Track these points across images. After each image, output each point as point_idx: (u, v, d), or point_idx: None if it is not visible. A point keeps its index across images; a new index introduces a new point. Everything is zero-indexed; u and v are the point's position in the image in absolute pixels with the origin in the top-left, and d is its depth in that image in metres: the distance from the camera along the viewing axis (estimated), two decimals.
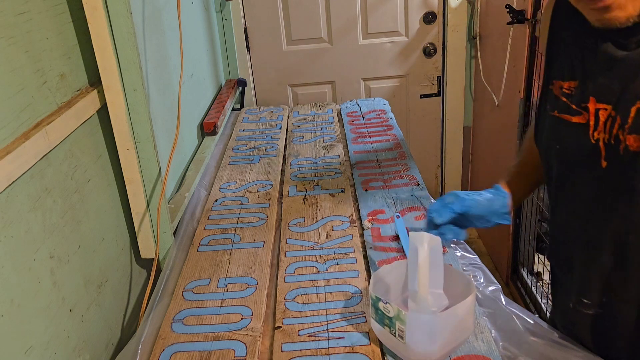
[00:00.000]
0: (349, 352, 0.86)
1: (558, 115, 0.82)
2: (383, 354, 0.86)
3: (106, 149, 1.15)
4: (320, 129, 1.84)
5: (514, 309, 0.95)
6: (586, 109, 0.77)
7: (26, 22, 0.89)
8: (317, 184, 1.44)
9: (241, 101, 2.24)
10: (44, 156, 0.91)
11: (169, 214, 1.22)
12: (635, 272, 0.78)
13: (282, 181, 1.48)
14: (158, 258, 1.17)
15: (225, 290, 1.04)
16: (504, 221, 0.97)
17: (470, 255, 1.13)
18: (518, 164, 1.03)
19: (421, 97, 2.71)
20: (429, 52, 2.61)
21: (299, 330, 0.92)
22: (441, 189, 2.92)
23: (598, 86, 0.76)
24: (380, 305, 0.81)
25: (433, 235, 0.83)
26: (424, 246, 0.81)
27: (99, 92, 1.10)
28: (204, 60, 1.89)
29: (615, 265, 0.79)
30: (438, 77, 2.67)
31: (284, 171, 1.54)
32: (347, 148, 1.65)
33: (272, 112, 2.04)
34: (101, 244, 1.10)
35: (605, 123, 0.75)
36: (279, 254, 1.15)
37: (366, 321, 0.93)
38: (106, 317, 1.10)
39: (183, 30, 1.42)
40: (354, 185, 1.42)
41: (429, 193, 1.35)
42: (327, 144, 1.70)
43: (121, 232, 1.20)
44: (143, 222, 1.18)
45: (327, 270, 1.07)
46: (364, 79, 2.68)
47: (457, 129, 2.75)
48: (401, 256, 1.09)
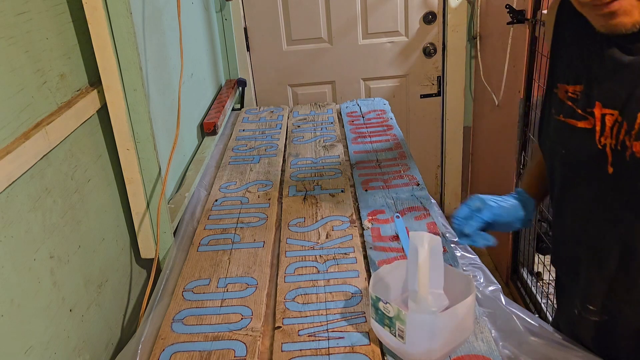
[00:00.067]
0: (349, 352, 0.86)
1: (564, 119, 0.81)
2: (383, 354, 0.86)
3: (106, 149, 1.15)
4: (320, 129, 1.84)
5: (514, 309, 0.95)
6: (592, 114, 0.76)
7: (26, 22, 0.89)
8: (317, 184, 1.44)
9: (241, 101, 2.24)
10: (44, 156, 0.91)
11: (169, 214, 1.22)
12: None
13: (282, 181, 1.48)
14: (158, 258, 1.17)
15: (225, 290, 1.04)
16: (526, 226, 0.97)
17: (470, 255, 1.13)
18: (535, 166, 1.01)
19: (421, 97, 2.71)
20: (429, 52, 2.61)
21: (299, 330, 0.92)
22: (441, 189, 2.92)
23: (604, 91, 0.75)
24: (380, 305, 0.81)
25: (433, 236, 0.83)
26: (424, 246, 0.81)
27: (99, 92, 1.10)
28: (204, 60, 1.89)
29: (620, 272, 0.79)
30: (438, 77, 2.67)
31: (284, 171, 1.54)
32: (347, 148, 1.65)
33: (272, 112, 2.04)
34: (101, 244, 1.10)
35: (611, 128, 0.74)
36: (279, 254, 1.15)
37: (366, 321, 0.93)
38: (106, 317, 1.10)
39: (183, 30, 1.42)
40: (354, 185, 1.42)
41: (429, 193, 1.35)
42: (327, 144, 1.70)
43: (121, 232, 1.20)
44: (143, 222, 1.18)
45: (327, 270, 1.07)
46: (364, 79, 2.68)
47: (457, 129, 2.75)
48: (401, 256, 1.09)
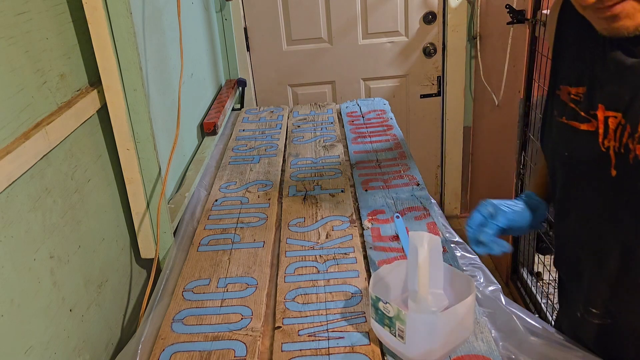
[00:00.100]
0: (349, 352, 0.86)
1: (566, 121, 0.81)
2: (383, 354, 0.86)
3: (106, 149, 1.15)
4: (320, 129, 1.84)
5: (514, 309, 0.95)
6: (595, 116, 0.75)
7: (26, 22, 0.89)
8: (317, 184, 1.44)
9: (241, 101, 2.24)
10: (44, 156, 0.91)
11: (169, 214, 1.22)
12: None
13: (282, 181, 1.48)
14: (158, 258, 1.17)
15: (225, 290, 1.04)
16: (539, 228, 0.96)
17: (470, 255, 1.13)
18: (543, 167, 1.00)
19: (421, 97, 2.72)
20: (429, 52, 2.61)
21: (299, 330, 0.92)
22: (441, 189, 2.92)
23: (607, 93, 0.74)
24: (380, 305, 0.81)
25: (433, 236, 0.83)
26: (424, 246, 0.81)
27: (99, 92, 1.10)
28: (204, 60, 1.89)
29: (623, 275, 0.78)
30: (438, 77, 2.67)
31: (284, 171, 1.54)
32: (347, 148, 1.65)
33: (272, 112, 2.04)
34: (101, 244, 1.10)
35: (615, 131, 0.73)
36: (279, 254, 1.15)
37: (366, 321, 0.93)
38: (106, 317, 1.10)
39: (183, 30, 1.42)
40: (354, 185, 1.42)
41: (428, 193, 1.35)
42: (327, 144, 1.70)
43: (121, 232, 1.20)
44: (143, 222, 1.18)
45: (327, 270, 1.07)
46: (364, 79, 2.68)
47: (457, 129, 2.75)
48: (401, 256, 1.09)
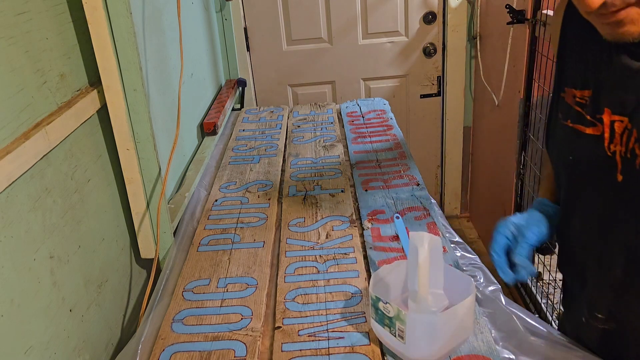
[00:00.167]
0: (349, 352, 0.86)
1: (571, 125, 0.80)
2: (383, 354, 0.86)
3: (106, 149, 1.15)
4: (320, 129, 1.84)
5: (514, 309, 0.95)
6: (600, 120, 0.75)
7: (26, 22, 0.89)
8: (317, 184, 1.44)
9: (241, 101, 2.24)
10: (44, 156, 0.91)
11: (169, 214, 1.22)
12: None
13: (282, 181, 1.48)
14: (158, 258, 1.17)
15: (225, 290, 1.04)
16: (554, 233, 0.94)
17: (470, 255, 1.13)
18: (550, 173, 0.97)
19: (421, 97, 2.72)
20: (429, 52, 2.61)
21: (299, 330, 0.92)
22: (441, 189, 2.92)
23: (613, 97, 0.73)
24: (380, 305, 0.81)
25: (433, 236, 0.83)
26: (424, 246, 0.81)
27: (99, 92, 1.10)
28: (204, 60, 1.89)
29: (628, 280, 0.78)
30: (438, 77, 2.67)
31: (284, 171, 1.54)
32: (347, 148, 1.65)
33: (272, 112, 2.04)
34: (101, 244, 1.10)
35: (621, 136, 0.72)
36: (279, 254, 1.15)
37: (366, 321, 0.93)
38: (106, 317, 1.10)
39: (183, 30, 1.42)
40: (354, 185, 1.42)
41: (428, 193, 1.35)
42: (327, 144, 1.70)
43: (121, 232, 1.20)
44: (143, 222, 1.18)
45: (327, 270, 1.07)
46: (364, 79, 2.68)
47: (457, 129, 2.75)
48: (401, 256, 1.09)
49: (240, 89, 2.22)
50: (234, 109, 2.10)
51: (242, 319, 0.96)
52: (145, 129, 1.12)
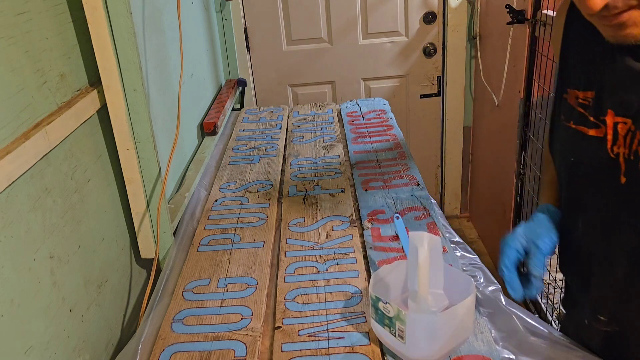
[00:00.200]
0: (349, 352, 0.86)
1: (574, 126, 0.79)
2: (383, 354, 0.86)
3: (106, 149, 1.15)
4: (320, 129, 1.84)
5: (514, 309, 0.95)
6: (604, 122, 0.74)
7: (26, 22, 0.89)
8: (317, 184, 1.44)
9: (241, 101, 2.24)
10: (44, 156, 0.91)
11: (169, 214, 1.22)
12: None
13: (282, 181, 1.48)
14: (158, 258, 1.17)
15: (225, 290, 1.04)
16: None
17: (470, 255, 1.13)
18: (553, 178, 0.95)
19: (421, 97, 2.72)
20: (429, 52, 2.61)
21: (299, 330, 0.92)
22: (441, 189, 2.92)
23: (617, 99, 0.73)
24: (380, 305, 0.81)
25: (433, 236, 0.83)
26: (424, 246, 0.81)
27: (99, 92, 1.10)
28: (204, 60, 1.89)
29: (631, 282, 0.77)
30: (438, 77, 2.67)
31: (284, 171, 1.54)
32: (347, 148, 1.65)
33: (272, 112, 2.04)
34: (101, 244, 1.10)
35: (625, 137, 0.72)
36: (279, 254, 1.15)
37: (366, 321, 0.93)
38: (106, 317, 1.10)
39: (183, 30, 1.42)
40: (354, 185, 1.42)
41: (428, 193, 1.35)
42: (327, 144, 1.70)
43: (121, 232, 1.20)
44: (143, 222, 1.18)
45: (327, 270, 1.07)
46: (364, 79, 2.68)
47: (457, 129, 2.75)
48: (401, 256, 1.09)
49: (240, 89, 2.22)
50: (234, 109, 2.10)
51: (242, 319, 0.96)
52: (145, 129, 1.12)
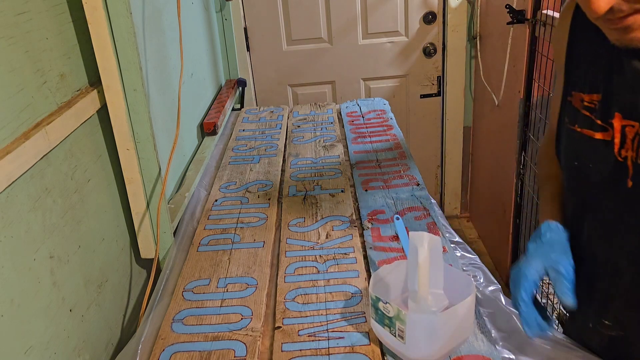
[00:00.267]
0: (349, 352, 0.86)
1: (579, 130, 0.78)
2: (383, 354, 0.86)
3: (106, 149, 1.15)
4: (320, 129, 1.84)
5: (514, 309, 0.95)
6: (611, 125, 0.73)
7: (26, 22, 0.89)
8: (317, 184, 1.44)
9: (241, 101, 2.24)
10: (44, 156, 0.91)
11: (169, 214, 1.22)
12: None
13: (282, 181, 1.48)
14: (158, 258, 1.17)
15: (225, 290, 1.04)
16: None
17: (470, 255, 1.13)
18: (558, 190, 0.91)
19: (421, 97, 2.72)
20: (429, 52, 2.61)
21: (299, 330, 0.92)
22: (441, 189, 2.92)
23: (624, 102, 0.72)
24: (380, 305, 0.81)
25: (433, 236, 0.83)
26: (424, 246, 0.81)
27: (99, 92, 1.10)
28: (204, 60, 1.89)
29: (636, 287, 0.77)
30: (438, 77, 2.67)
31: (284, 171, 1.54)
32: (347, 148, 1.65)
33: (272, 112, 2.04)
34: (101, 244, 1.10)
35: (633, 141, 0.71)
36: (279, 254, 1.15)
37: (366, 321, 0.93)
38: (106, 317, 1.10)
39: (183, 30, 1.42)
40: (354, 185, 1.42)
41: (428, 193, 1.35)
42: (327, 144, 1.70)
43: (121, 232, 1.20)
44: (143, 222, 1.18)
45: (327, 270, 1.07)
46: (364, 79, 2.68)
47: (457, 129, 2.75)
48: (401, 256, 1.09)
49: (240, 89, 2.22)
50: (234, 109, 2.10)
51: (242, 319, 0.96)
52: (145, 129, 1.12)
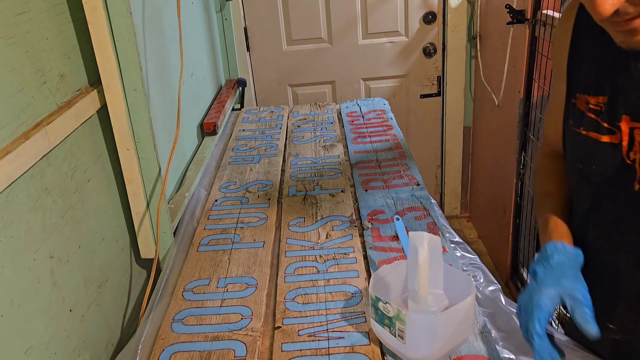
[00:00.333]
0: (349, 352, 0.86)
1: (585, 133, 0.77)
2: (383, 354, 0.86)
3: (106, 149, 1.15)
4: (320, 129, 1.84)
5: (514, 309, 0.95)
6: (618, 128, 0.72)
7: (26, 22, 0.89)
8: (317, 184, 1.44)
9: (241, 101, 2.25)
10: (44, 156, 0.91)
11: (169, 214, 1.22)
12: None
13: (282, 181, 1.48)
14: (158, 258, 1.17)
15: (225, 290, 1.04)
16: None
17: (470, 255, 1.13)
18: (554, 210, 0.88)
19: (421, 97, 2.72)
20: (429, 52, 2.61)
21: (299, 330, 0.92)
22: (441, 189, 2.92)
23: (632, 104, 0.71)
24: (380, 305, 0.81)
25: (433, 236, 0.83)
26: (423, 246, 0.81)
27: (99, 92, 1.10)
28: (204, 60, 1.89)
29: None
30: (438, 77, 2.67)
31: (284, 171, 1.54)
32: (347, 148, 1.65)
33: (272, 112, 2.04)
34: (101, 244, 1.10)
35: None
36: (279, 254, 1.15)
37: (366, 321, 0.93)
38: (106, 317, 1.10)
39: (183, 30, 1.42)
40: (354, 185, 1.42)
41: (428, 193, 1.35)
42: (327, 144, 1.70)
43: (121, 232, 1.20)
44: (143, 222, 1.18)
45: (327, 270, 1.07)
46: (364, 79, 2.68)
47: (457, 129, 2.75)
48: (401, 256, 1.09)
49: (240, 89, 2.22)
50: (234, 109, 2.10)
51: (242, 319, 0.96)
52: (145, 129, 1.12)
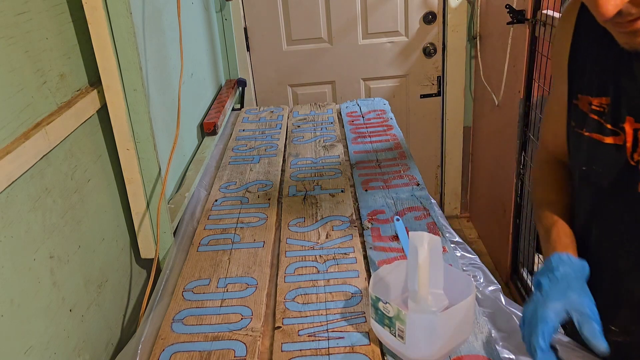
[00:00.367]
0: (349, 352, 0.86)
1: (587, 134, 0.76)
2: (383, 354, 0.86)
3: (106, 149, 1.15)
4: (320, 129, 1.84)
5: (514, 309, 0.95)
6: (622, 129, 0.72)
7: (26, 22, 0.89)
8: (317, 184, 1.44)
9: (241, 101, 2.25)
10: (44, 156, 0.91)
11: (169, 214, 1.22)
12: None
13: (282, 181, 1.48)
14: (158, 258, 1.17)
15: (225, 290, 1.04)
16: None
17: (470, 255, 1.13)
18: (556, 219, 0.87)
19: (421, 97, 2.72)
20: (429, 52, 2.61)
21: (298, 330, 0.92)
22: (441, 189, 2.92)
23: (636, 105, 0.70)
24: (380, 305, 0.81)
25: (433, 236, 0.83)
26: (423, 246, 0.81)
27: (99, 92, 1.10)
28: (204, 60, 1.89)
29: None
30: (438, 77, 2.67)
31: (284, 171, 1.54)
32: (347, 148, 1.65)
33: (272, 112, 2.04)
34: (101, 244, 1.10)
35: None
36: (279, 254, 1.15)
37: (366, 321, 0.93)
38: (106, 317, 1.10)
39: (183, 30, 1.42)
40: (354, 185, 1.42)
41: (428, 193, 1.35)
42: (327, 144, 1.70)
43: (121, 232, 1.20)
44: (143, 222, 1.18)
45: (327, 270, 1.07)
46: (364, 79, 2.68)
47: (457, 129, 2.75)
48: (401, 256, 1.09)
49: (240, 89, 2.22)
50: (234, 109, 2.10)
51: (242, 319, 0.96)
52: (145, 129, 1.12)
